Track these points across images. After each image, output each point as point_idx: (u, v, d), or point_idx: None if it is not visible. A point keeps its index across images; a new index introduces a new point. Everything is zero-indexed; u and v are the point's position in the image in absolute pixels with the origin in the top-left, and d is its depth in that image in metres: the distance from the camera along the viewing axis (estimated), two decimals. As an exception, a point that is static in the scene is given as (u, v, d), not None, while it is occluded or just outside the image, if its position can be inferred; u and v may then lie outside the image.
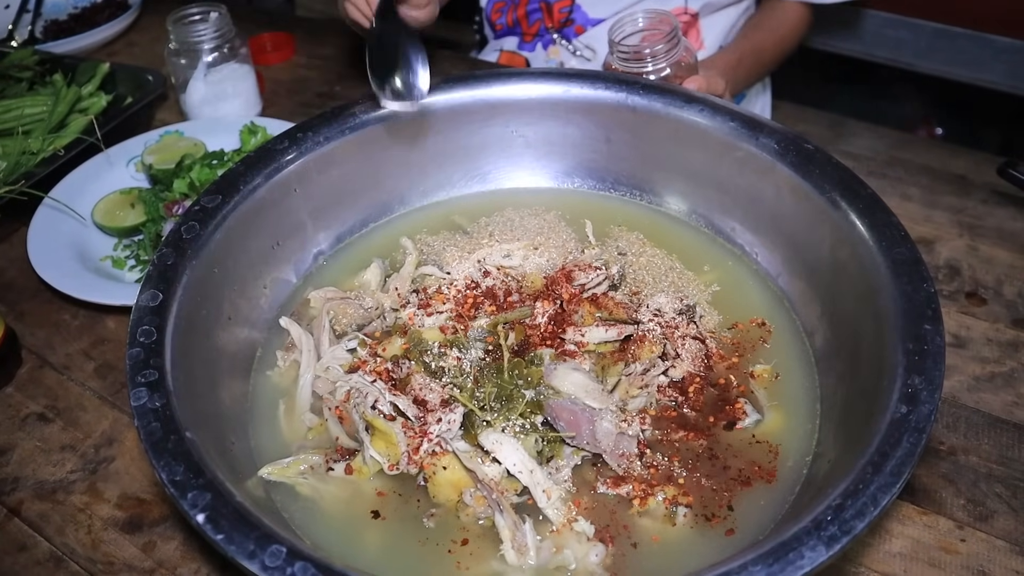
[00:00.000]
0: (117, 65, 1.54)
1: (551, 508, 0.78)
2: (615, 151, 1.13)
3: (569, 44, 1.72)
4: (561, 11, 1.72)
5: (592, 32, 1.69)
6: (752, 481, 0.80)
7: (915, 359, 0.73)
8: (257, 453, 0.87)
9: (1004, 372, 1.00)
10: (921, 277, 0.80)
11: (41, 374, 1.08)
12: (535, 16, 1.76)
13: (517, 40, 1.81)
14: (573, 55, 1.72)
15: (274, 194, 1.00)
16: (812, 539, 0.60)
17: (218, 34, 1.40)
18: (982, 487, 0.89)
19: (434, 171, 1.15)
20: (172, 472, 0.67)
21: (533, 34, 1.78)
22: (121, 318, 1.15)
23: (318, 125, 1.05)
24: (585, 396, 0.85)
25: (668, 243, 1.08)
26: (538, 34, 1.77)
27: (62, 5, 1.93)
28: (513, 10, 1.80)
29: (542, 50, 1.77)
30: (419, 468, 0.81)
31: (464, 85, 1.11)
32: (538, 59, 1.77)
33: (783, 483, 0.80)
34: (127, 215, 1.24)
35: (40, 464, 0.97)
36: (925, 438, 0.66)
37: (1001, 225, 1.20)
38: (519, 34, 1.80)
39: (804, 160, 0.96)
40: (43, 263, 1.14)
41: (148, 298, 0.83)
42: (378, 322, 0.99)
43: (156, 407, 0.72)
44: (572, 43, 1.72)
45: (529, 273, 1.02)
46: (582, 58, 1.71)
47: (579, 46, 1.71)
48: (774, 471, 0.81)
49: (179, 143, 1.34)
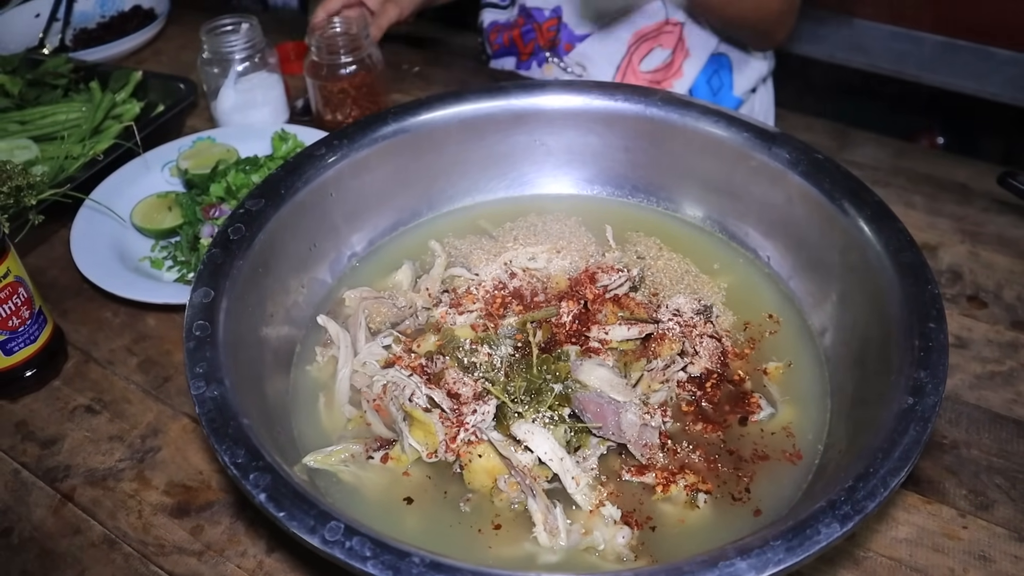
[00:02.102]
0: (148, 73, 1.59)
1: (579, 494, 0.84)
2: (633, 159, 1.18)
3: (560, 61, 1.78)
4: (549, 30, 1.78)
5: (579, 48, 1.74)
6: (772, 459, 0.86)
7: (921, 355, 0.78)
8: (300, 442, 0.92)
9: (1004, 371, 1.06)
10: (926, 280, 0.86)
11: (87, 369, 1.14)
12: (529, 36, 1.83)
13: (515, 60, 1.87)
14: (565, 72, 1.78)
15: (312, 198, 1.06)
16: (827, 517, 0.65)
17: (249, 44, 1.46)
18: (983, 478, 0.94)
19: (460, 178, 1.21)
20: (234, 455, 0.72)
21: (528, 53, 1.85)
22: (161, 316, 1.20)
23: (353, 133, 1.10)
24: (610, 390, 0.90)
25: (684, 247, 1.13)
26: (533, 53, 1.83)
27: (90, 14, 2.00)
28: (509, 31, 1.87)
29: (537, 68, 1.83)
30: (456, 456, 0.86)
31: (490, 96, 1.16)
32: (533, 77, 1.83)
33: (799, 468, 0.86)
34: (164, 217, 1.29)
35: (90, 453, 1.03)
36: (930, 427, 0.72)
37: (1001, 232, 1.26)
38: (516, 54, 1.87)
39: (815, 169, 1.02)
40: (86, 263, 1.20)
41: (201, 295, 0.88)
42: (411, 320, 1.04)
43: (215, 395, 0.78)
44: (563, 60, 1.78)
45: (554, 275, 1.07)
46: (573, 74, 1.77)
47: (569, 63, 1.77)
48: (799, 452, 0.87)
49: (212, 149, 1.39)
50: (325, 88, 1.46)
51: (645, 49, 1.71)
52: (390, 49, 1.49)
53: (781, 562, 0.63)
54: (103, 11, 2.00)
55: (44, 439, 1.05)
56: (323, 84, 1.46)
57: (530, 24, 1.82)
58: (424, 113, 1.14)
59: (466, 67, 1.81)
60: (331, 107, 1.48)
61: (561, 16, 1.76)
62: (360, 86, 1.47)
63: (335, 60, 1.44)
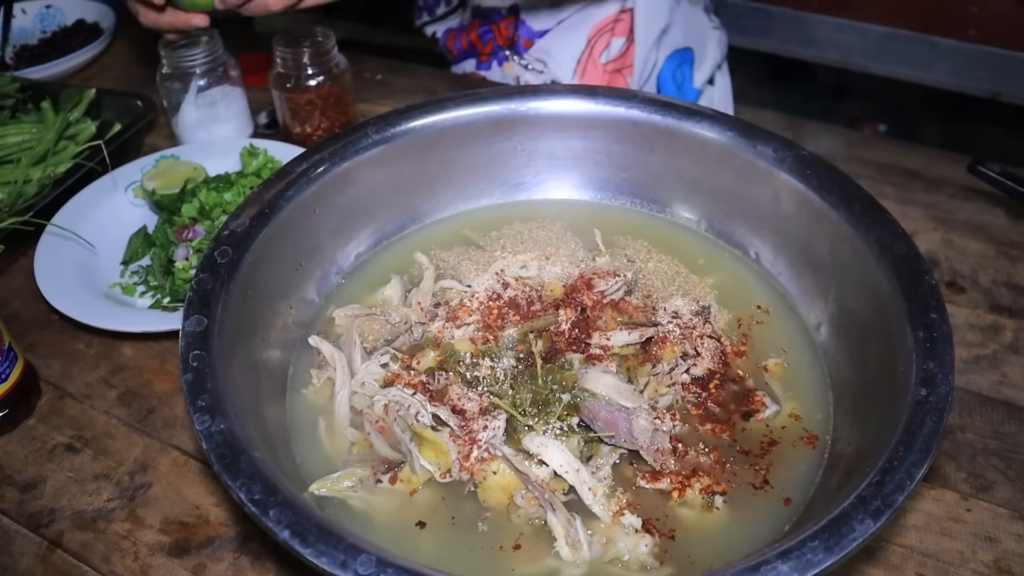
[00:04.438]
0: (102, 91, 1.53)
1: (597, 504, 0.83)
2: (616, 162, 1.18)
3: (521, 59, 1.78)
4: (507, 28, 1.78)
5: (539, 44, 1.74)
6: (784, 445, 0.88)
7: (927, 345, 0.79)
8: (304, 470, 0.89)
9: (988, 354, 1.09)
10: (922, 270, 0.87)
11: (63, 405, 1.08)
12: (487, 36, 1.82)
13: (475, 62, 1.87)
14: (526, 69, 1.77)
15: (296, 215, 1.03)
16: (860, 514, 0.66)
17: (210, 57, 1.41)
18: (980, 461, 0.96)
19: (442, 187, 1.19)
20: (250, 491, 0.69)
21: (488, 53, 1.84)
22: (137, 344, 1.15)
23: (333, 146, 1.08)
24: (618, 397, 0.89)
25: (673, 249, 1.13)
26: (492, 53, 1.82)
27: (30, 30, 1.91)
28: (466, 35, 1.86)
29: (497, 67, 1.83)
30: (470, 474, 0.85)
31: (469, 103, 1.15)
32: (495, 76, 1.84)
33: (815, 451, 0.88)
34: None
35: (75, 494, 0.98)
36: (946, 416, 0.73)
37: (971, 218, 1.29)
38: (475, 55, 1.86)
39: (800, 165, 1.03)
40: (54, 293, 1.14)
41: (194, 323, 0.85)
42: (405, 336, 1.02)
43: (221, 429, 0.75)
44: (524, 57, 1.77)
45: (547, 282, 1.07)
46: (534, 71, 1.77)
47: (530, 59, 1.77)
48: (814, 435, 0.89)
49: (178, 167, 1.35)
50: (292, 100, 1.43)
51: (604, 41, 1.71)
52: (350, 58, 1.46)
53: (821, 562, 0.63)
54: (43, 26, 1.92)
55: (23, 483, 0.99)
56: (289, 96, 1.42)
57: (487, 25, 1.81)
58: (403, 123, 1.12)
59: (428, 73, 1.78)
60: (299, 119, 1.44)
61: (519, 14, 1.75)
62: (327, 97, 1.43)
63: (301, 71, 1.40)
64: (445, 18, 1.91)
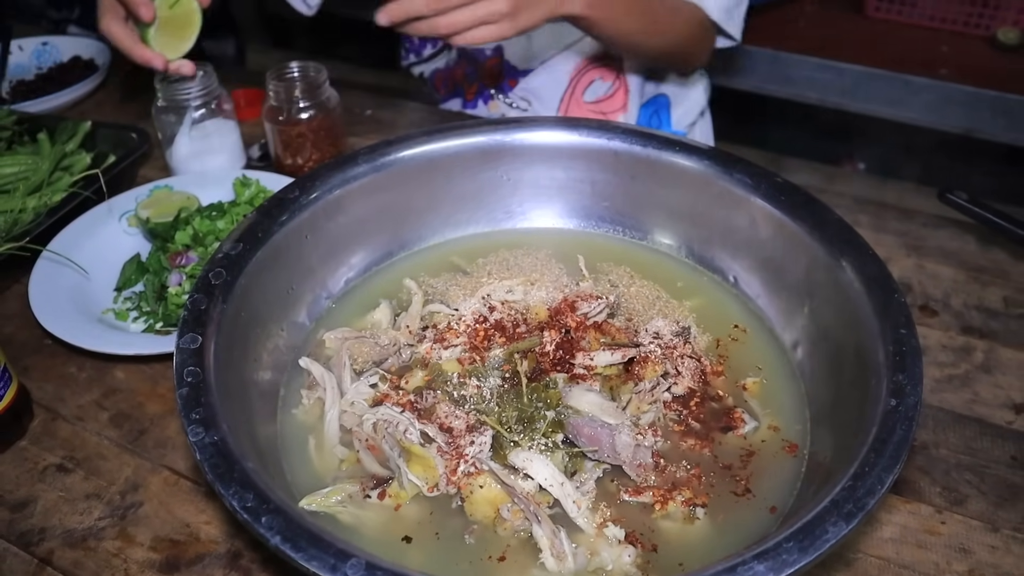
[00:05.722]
0: (97, 123, 1.56)
1: (581, 517, 0.85)
2: (599, 191, 1.22)
3: (506, 97, 1.83)
4: (492, 68, 1.83)
5: (523, 83, 1.80)
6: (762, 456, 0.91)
7: (896, 359, 0.83)
8: (294, 486, 0.91)
9: (960, 374, 1.12)
10: (892, 289, 0.91)
11: (55, 426, 1.10)
12: (472, 77, 1.88)
13: (460, 101, 1.92)
14: (511, 107, 1.83)
15: (288, 241, 1.06)
16: (833, 516, 0.68)
17: (205, 91, 1.45)
18: (954, 475, 0.99)
19: (431, 216, 1.22)
20: (243, 500, 0.71)
21: (474, 93, 1.89)
22: (129, 367, 1.17)
23: (325, 175, 1.11)
24: (602, 413, 0.92)
25: (654, 274, 1.17)
26: (478, 92, 1.88)
27: (26, 66, 1.95)
28: (452, 75, 1.91)
29: (483, 105, 1.88)
30: (457, 489, 0.87)
31: (456, 134, 1.19)
32: (480, 114, 1.88)
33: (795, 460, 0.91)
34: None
35: (66, 513, 0.99)
36: (914, 425, 0.76)
37: (943, 245, 1.34)
38: (461, 95, 1.92)
39: (776, 192, 1.07)
40: (48, 317, 1.16)
41: (188, 341, 0.87)
42: (394, 358, 1.04)
43: (214, 440, 0.76)
44: (508, 96, 1.83)
45: (533, 305, 1.10)
46: (519, 109, 1.83)
47: (515, 98, 1.82)
48: (795, 444, 0.92)
49: (171, 197, 1.38)
50: (283, 132, 1.47)
51: (587, 80, 1.77)
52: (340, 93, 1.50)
53: (796, 562, 0.65)
54: (40, 62, 1.96)
55: (14, 502, 1.00)
56: (281, 128, 1.46)
57: (472, 66, 1.87)
58: (393, 153, 1.16)
59: (416, 109, 1.83)
60: (290, 151, 1.48)
61: (503, 54, 1.81)
62: (318, 129, 1.47)
63: (293, 104, 1.44)
64: (431, 59, 1.97)
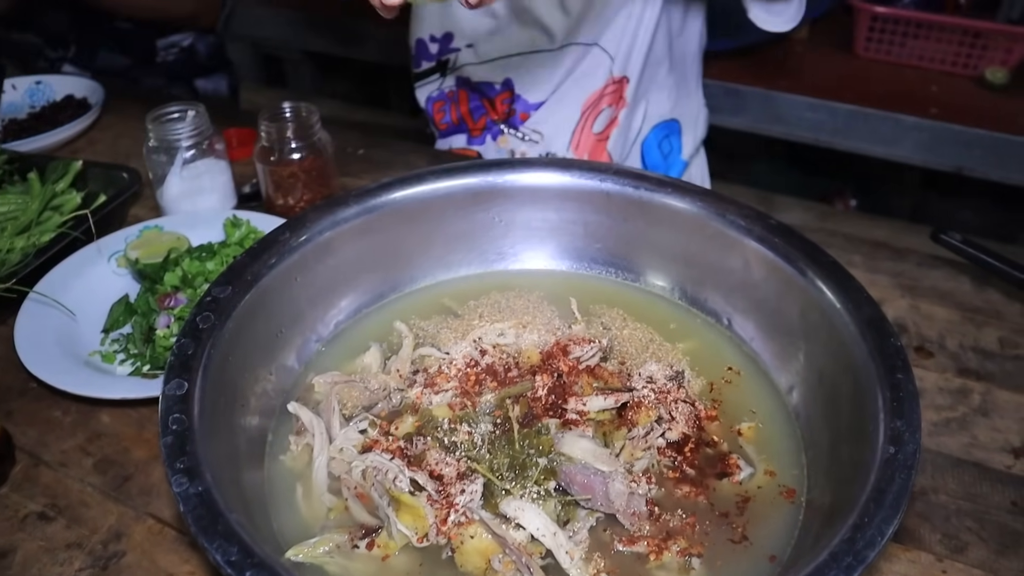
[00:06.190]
0: (88, 162, 1.56)
1: (575, 568, 0.83)
2: (591, 233, 1.22)
3: (517, 131, 1.83)
4: (503, 103, 1.83)
5: (535, 116, 1.80)
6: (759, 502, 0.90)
7: (894, 404, 0.81)
8: (281, 536, 0.88)
9: (957, 417, 1.11)
10: (888, 333, 0.90)
11: (37, 473, 1.07)
12: (479, 112, 1.87)
13: (465, 137, 1.90)
14: (522, 140, 1.82)
15: (277, 283, 1.05)
16: (832, 570, 0.67)
17: (196, 131, 1.45)
18: (954, 522, 0.97)
19: (422, 258, 1.22)
20: (227, 553, 0.69)
21: (481, 128, 1.88)
22: (115, 412, 1.15)
23: (315, 216, 1.10)
24: (595, 461, 0.90)
25: (647, 316, 1.15)
26: (486, 127, 1.87)
27: (19, 104, 1.95)
28: (456, 108, 1.90)
29: (492, 141, 1.87)
30: (447, 538, 0.85)
31: (447, 176, 1.18)
32: (489, 151, 1.87)
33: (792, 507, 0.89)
34: None
35: (46, 564, 0.96)
36: (914, 473, 0.74)
37: (937, 285, 1.33)
38: (466, 131, 1.90)
39: (769, 234, 1.06)
40: (33, 360, 1.14)
41: (174, 387, 0.85)
42: (384, 403, 1.03)
43: (199, 491, 0.75)
44: (520, 130, 1.82)
45: (524, 349, 1.08)
46: (531, 142, 1.82)
47: (527, 131, 1.82)
48: (793, 489, 0.91)
49: (161, 237, 1.37)
50: (275, 173, 1.46)
51: (596, 112, 1.77)
52: (332, 133, 1.51)
53: (795, 619, 0.64)
54: (32, 101, 1.96)
55: (-7, 553, 0.98)
56: (273, 169, 1.46)
57: (478, 100, 1.86)
58: (384, 195, 1.15)
59: (409, 148, 1.83)
60: (282, 192, 1.48)
61: (514, 88, 1.81)
62: (310, 170, 1.47)
63: (285, 145, 1.44)
64: (425, 77, 1.95)
